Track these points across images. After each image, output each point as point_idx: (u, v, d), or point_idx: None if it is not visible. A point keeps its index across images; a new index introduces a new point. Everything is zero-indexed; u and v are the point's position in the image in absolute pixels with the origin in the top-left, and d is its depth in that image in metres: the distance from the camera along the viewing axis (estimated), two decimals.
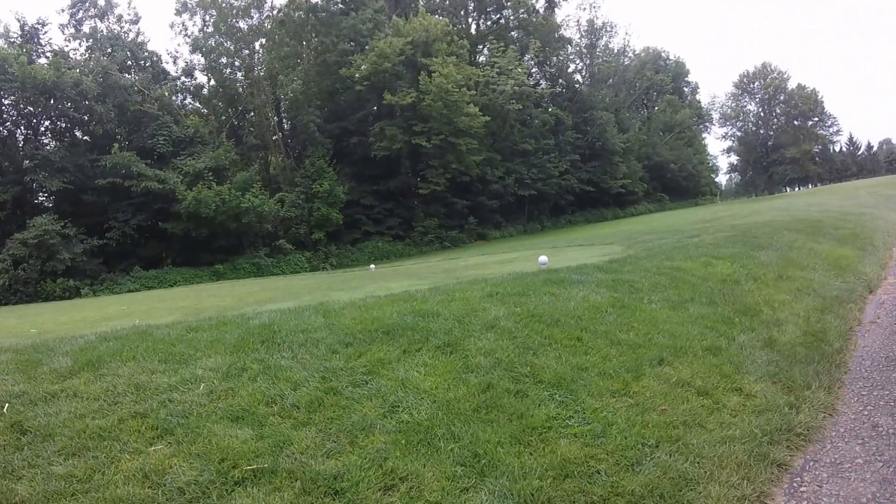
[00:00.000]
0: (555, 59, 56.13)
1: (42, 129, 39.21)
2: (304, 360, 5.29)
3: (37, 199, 38.48)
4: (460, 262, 22.76)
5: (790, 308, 7.90)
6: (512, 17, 52.85)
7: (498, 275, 9.93)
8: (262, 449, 3.98)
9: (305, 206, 38.21)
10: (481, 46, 50.65)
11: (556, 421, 4.44)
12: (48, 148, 37.44)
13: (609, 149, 53.94)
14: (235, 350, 5.58)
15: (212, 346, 5.71)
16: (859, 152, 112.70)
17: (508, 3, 51.01)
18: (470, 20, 53.81)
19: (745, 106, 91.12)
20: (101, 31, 41.81)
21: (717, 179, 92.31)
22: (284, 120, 44.64)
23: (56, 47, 39.90)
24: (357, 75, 39.16)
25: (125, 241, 35.77)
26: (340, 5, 45.18)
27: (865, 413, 5.03)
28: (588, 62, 62.52)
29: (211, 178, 35.92)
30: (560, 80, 56.60)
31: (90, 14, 41.43)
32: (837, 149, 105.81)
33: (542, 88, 46.25)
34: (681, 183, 67.09)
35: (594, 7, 63.53)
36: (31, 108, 37.24)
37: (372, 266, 27.33)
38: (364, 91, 40.08)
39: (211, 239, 36.12)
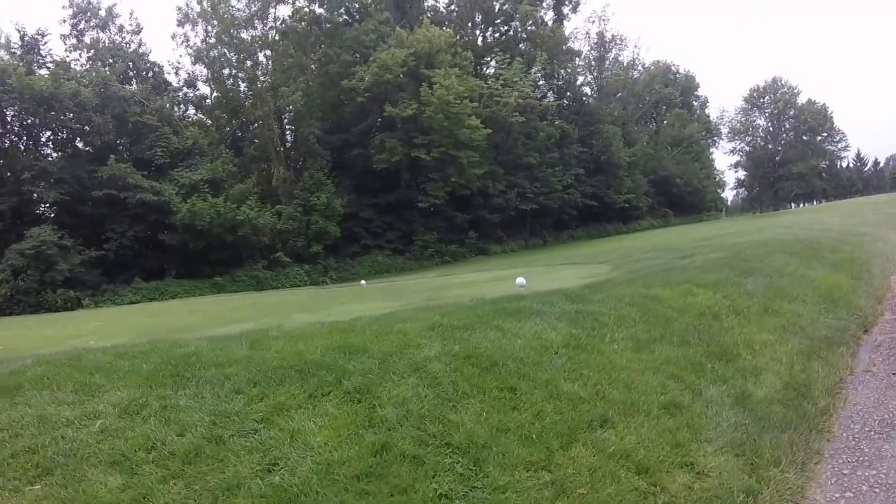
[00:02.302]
0: (563, 72, 55.35)
1: (43, 139, 39.09)
2: (205, 400, 4.87)
3: (39, 209, 38.07)
4: (454, 279, 22.05)
5: (772, 351, 7.01)
6: (520, 29, 52.20)
7: (455, 300, 9.21)
8: (123, 500, 3.73)
9: (303, 219, 37.63)
10: (488, 58, 49.89)
11: (445, 500, 3.70)
12: (49, 159, 37.35)
13: (614, 163, 53.00)
14: (145, 383, 5.20)
15: (127, 377, 5.36)
16: (866, 168, 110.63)
17: (517, 16, 50.40)
18: (477, 32, 53.19)
19: (755, 120, 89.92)
20: (103, 41, 41.61)
21: (723, 195, 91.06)
22: (288, 131, 44.18)
23: (57, 58, 39.80)
24: (360, 87, 38.56)
25: (124, 252, 35.51)
26: (345, 16, 44.84)
27: (843, 502, 4.16)
28: (596, 75, 61.67)
29: (207, 189, 35.58)
30: (567, 93, 55.91)
31: (91, 25, 41.18)
32: (845, 165, 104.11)
33: (547, 101, 45.40)
34: (686, 198, 65.94)
35: (603, 20, 62.65)
36: (32, 119, 37.00)
37: (363, 282, 26.74)
38: (366, 102, 39.54)
39: (208, 251, 35.84)
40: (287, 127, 43.54)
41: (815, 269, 11.56)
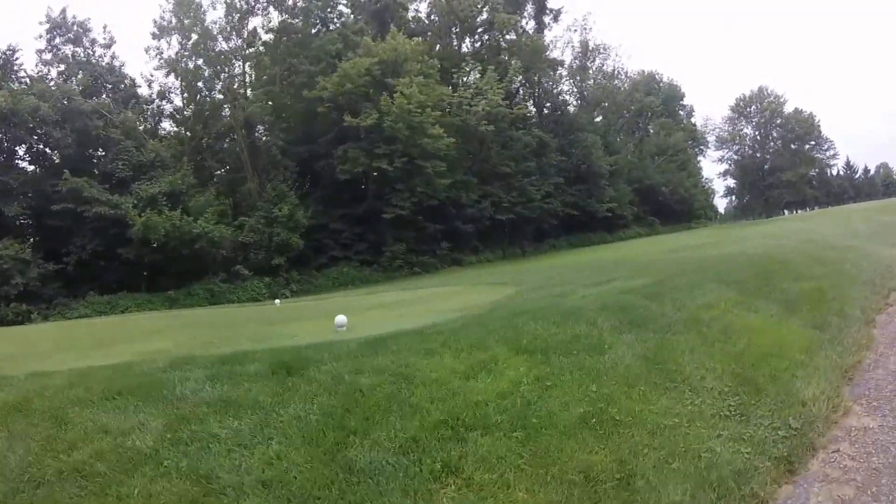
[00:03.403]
0: (545, 80, 50.32)
1: (21, 153, 35.73)
2: None
3: (19, 221, 34.68)
4: (350, 301, 17.55)
5: None
6: (501, 38, 47.38)
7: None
8: None
9: (265, 231, 33.38)
10: (467, 68, 44.84)
11: None
12: (15, 173, 34.11)
13: (595, 171, 47.71)
14: None
15: None
16: (856, 176, 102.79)
17: (495, 25, 45.74)
18: (456, 41, 48.40)
19: (742, 129, 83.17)
20: (79, 55, 37.91)
21: (715, 203, 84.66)
22: (255, 143, 39.92)
23: (31, 73, 36.38)
24: (323, 96, 34.19)
25: (83, 265, 32.37)
26: (321, 26, 40.58)
27: None
28: (580, 84, 56.19)
29: (164, 203, 31.74)
30: (547, 102, 51.06)
31: (65, 39, 37.43)
32: (835, 172, 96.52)
33: (519, 109, 40.24)
34: (673, 206, 60.01)
35: (585, 29, 57.08)
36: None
37: (277, 301, 22.57)
38: (326, 113, 35.08)
39: (166, 264, 32.36)
40: (264, 138, 39.10)
41: (755, 312, 6.81)
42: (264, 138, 37.89)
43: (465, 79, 40.46)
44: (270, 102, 37.90)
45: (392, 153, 33.89)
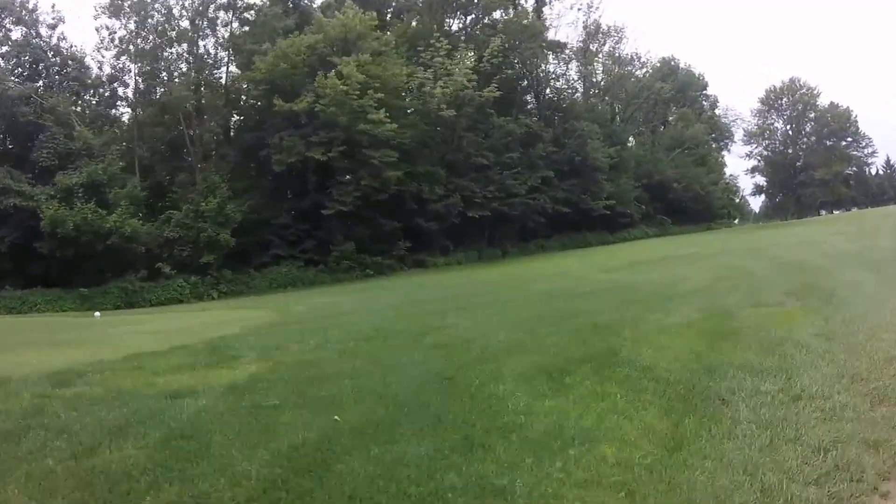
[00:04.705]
0: (542, 63, 43.02)
1: None
2: None
3: None
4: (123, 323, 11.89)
5: None
6: (489, 16, 40.48)
7: None
8: None
9: (193, 226, 28.10)
10: (463, 49, 37.73)
11: None
12: None
13: (591, 164, 40.05)
14: None
15: None
16: None
17: (479, 3, 38.93)
18: (447, 19, 41.57)
19: (772, 123, 72.16)
20: (31, 35, 33.36)
21: (747, 201, 74.24)
22: (206, 129, 34.48)
23: None
24: (256, 78, 28.48)
25: (2, 258, 28.13)
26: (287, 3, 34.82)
27: None
28: (582, 69, 48.23)
29: (81, 194, 26.99)
30: (545, 88, 43.83)
31: (12, 20, 32.93)
32: (874, 171, 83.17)
33: (490, 92, 33.03)
34: (688, 205, 51.01)
35: (591, 9, 48.42)
36: None
37: (97, 313, 17.71)
38: (264, 96, 29.33)
39: (81, 260, 27.50)
40: (205, 121, 33.68)
41: None
42: (212, 124, 32.47)
43: (433, 58, 33.52)
44: (184, 83, 32.43)
45: (330, 141, 27.89)
